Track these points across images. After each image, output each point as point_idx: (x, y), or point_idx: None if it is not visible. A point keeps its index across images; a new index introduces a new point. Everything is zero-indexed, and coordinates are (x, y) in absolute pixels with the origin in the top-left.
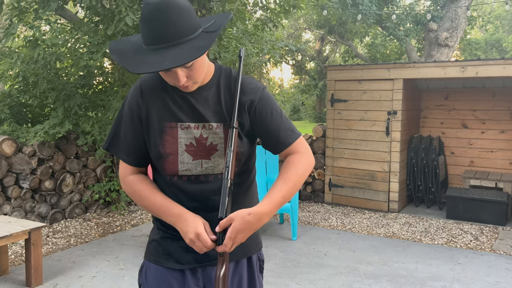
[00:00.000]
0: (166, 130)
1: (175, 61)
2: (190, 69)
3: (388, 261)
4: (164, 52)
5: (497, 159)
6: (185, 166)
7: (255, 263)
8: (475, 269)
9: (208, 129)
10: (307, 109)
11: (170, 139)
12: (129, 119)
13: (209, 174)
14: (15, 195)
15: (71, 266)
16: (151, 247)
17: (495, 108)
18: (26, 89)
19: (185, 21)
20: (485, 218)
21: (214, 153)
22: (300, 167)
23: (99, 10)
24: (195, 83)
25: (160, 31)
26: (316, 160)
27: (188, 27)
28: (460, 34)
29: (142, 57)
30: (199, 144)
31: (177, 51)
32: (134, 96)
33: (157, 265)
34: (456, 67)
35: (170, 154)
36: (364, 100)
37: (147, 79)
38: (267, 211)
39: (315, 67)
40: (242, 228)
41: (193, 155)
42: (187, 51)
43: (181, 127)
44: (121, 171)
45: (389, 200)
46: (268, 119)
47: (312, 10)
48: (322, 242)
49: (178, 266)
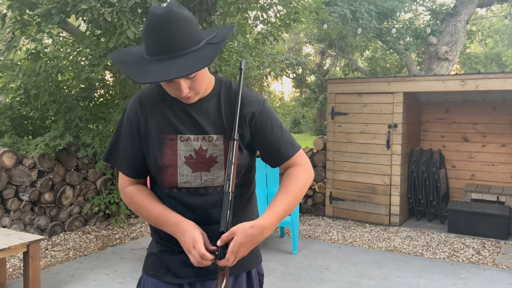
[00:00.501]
0: (165, 142)
1: (180, 71)
2: (192, 80)
3: (390, 276)
4: (168, 63)
5: (498, 172)
6: (184, 179)
7: (254, 278)
8: (478, 284)
9: (208, 141)
10: (308, 122)
11: (170, 151)
12: (128, 131)
13: (208, 187)
14: (14, 207)
15: (69, 279)
16: (149, 261)
17: (495, 122)
18: (27, 101)
19: (189, 32)
20: (487, 232)
21: (214, 165)
22: (301, 180)
23: (101, 24)
24: (197, 94)
25: (164, 42)
26: (317, 173)
27: (191, 39)
28: (459, 48)
29: (146, 67)
30: (199, 156)
31: (181, 62)
32: (133, 108)
33: (155, 279)
34: (456, 81)
35: (169, 166)
36: (364, 113)
37: (146, 91)
38: (269, 224)
39: (315, 80)
40: (244, 242)
41: (192, 167)
42: (192, 62)
43: (181, 139)
44: (120, 182)
45: (390, 213)
46: (268, 132)
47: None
48: (323, 256)
49: (176, 280)
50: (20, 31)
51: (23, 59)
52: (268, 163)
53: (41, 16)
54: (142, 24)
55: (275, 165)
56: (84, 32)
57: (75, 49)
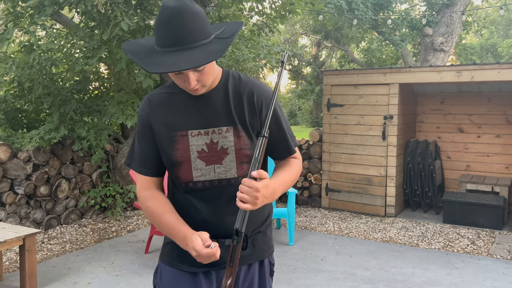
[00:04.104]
0: (177, 139)
1: (191, 63)
2: (201, 73)
3: (385, 266)
4: (179, 55)
5: (493, 163)
6: (199, 172)
7: (266, 267)
8: (472, 273)
9: (218, 133)
10: (304, 114)
11: (182, 147)
12: (141, 131)
13: (222, 179)
14: (9, 201)
15: (66, 272)
16: (167, 249)
17: (490, 113)
18: (21, 94)
19: (200, 26)
20: (482, 222)
21: (225, 157)
22: (297, 170)
23: (95, 15)
24: (204, 86)
25: (176, 34)
26: (313, 164)
27: (202, 33)
28: (455, 39)
29: (157, 58)
30: (211, 149)
31: (192, 54)
32: (144, 109)
33: (172, 268)
34: (452, 72)
35: (183, 162)
36: (360, 104)
37: (154, 93)
38: (276, 187)
39: (311, 72)
40: (264, 189)
41: (205, 161)
42: (203, 55)
43: (192, 135)
44: (138, 186)
45: (386, 204)
46: (278, 125)
47: (308, 15)
48: (319, 247)
49: (192, 269)
50: (13, 23)
51: (16, 52)
52: (272, 156)
53: (34, 8)
54: (136, 16)
55: (280, 158)
56: (78, 24)
57: (69, 41)
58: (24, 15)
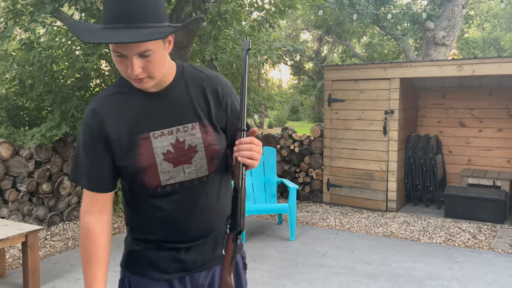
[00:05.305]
0: (139, 144)
1: (132, 37)
2: (147, 60)
3: (386, 261)
4: (124, 31)
5: (494, 157)
6: (167, 176)
7: (240, 262)
8: (473, 267)
9: (183, 131)
10: (306, 110)
11: (145, 151)
12: (89, 143)
13: (193, 179)
14: (12, 198)
15: (68, 269)
16: (132, 258)
17: (492, 107)
18: (22, 92)
19: (154, 9)
20: (483, 217)
21: (195, 156)
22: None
23: (94, 12)
24: (151, 78)
25: (126, 11)
26: (314, 160)
27: (155, 16)
28: (457, 33)
29: (97, 31)
30: (177, 149)
31: (136, 32)
32: (92, 118)
33: (142, 277)
34: (453, 66)
35: (148, 167)
36: (361, 99)
37: (100, 97)
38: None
39: (313, 67)
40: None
41: (173, 163)
42: (147, 33)
43: (154, 136)
44: (83, 203)
45: (387, 199)
46: (234, 107)
47: (309, 10)
48: (321, 242)
49: (166, 276)
50: (13, 21)
51: (17, 50)
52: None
53: (33, 5)
54: None
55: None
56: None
57: (69, 39)
58: (24, 13)
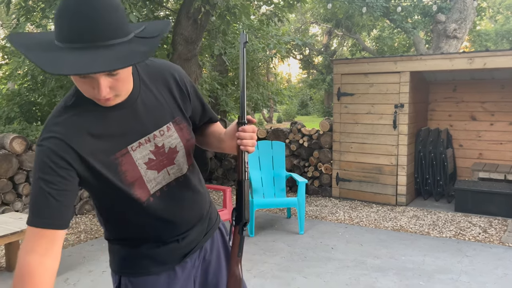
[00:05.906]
0: (119, 161)
1: (108, 64)
2: (115, 79)
3: (396, 254)
4: (91, 53)
5: (506, 151)
6: (153, 183)
7: (224, 231)
8: (483, 261)
9: (160, 135)
10: (315, 104)
11: (129, 167)
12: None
13: (178, 177)
14: (26, 192)
15: (81, 261)
16: (127, 261)
17: (504, 100)
18: (35, 87)
19: (118, 21)
20: (494, 211)
21: (176, 156)
22: None
23: None
24: (117, 96)
25: (86, 27)
26: (323, 154)
27: (120, 29)
28: (469, 25)
29: (58, 54)
30: (158, 154)
31: (107, 54)
32: (54, 145)
33: (148, 276)
34: (464, 59)
35: (135, 181)
36: (370, 93)
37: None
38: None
39: (322, 61)
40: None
41: (156, 169)
42: (122, 55)
43: (133, 149)
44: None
45: (397, 193)
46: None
47: (318, 3)
48: (329, 236)
49: (168, 266)
50: (24, 17)
51: None
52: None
53: (45, 1)
54: (145, 8)
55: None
56: None
57: None
58: (36, 9)
